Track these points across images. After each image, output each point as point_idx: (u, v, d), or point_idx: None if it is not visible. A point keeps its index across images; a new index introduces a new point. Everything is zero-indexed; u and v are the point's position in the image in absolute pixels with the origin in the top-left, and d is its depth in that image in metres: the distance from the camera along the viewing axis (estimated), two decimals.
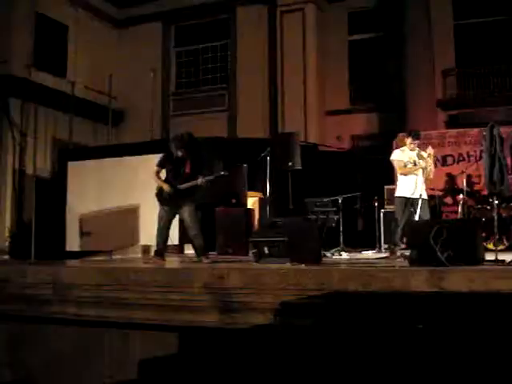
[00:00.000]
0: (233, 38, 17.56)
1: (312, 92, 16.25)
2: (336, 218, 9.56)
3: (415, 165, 7.73)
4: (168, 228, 7.32)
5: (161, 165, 7.30)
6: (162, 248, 7.37)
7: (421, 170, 7.72)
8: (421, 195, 7.46)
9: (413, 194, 7.62)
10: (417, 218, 7.38)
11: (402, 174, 7.82)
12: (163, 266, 6.79)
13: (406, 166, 7.78)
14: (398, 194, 7.87)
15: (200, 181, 7.09)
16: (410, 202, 7.65)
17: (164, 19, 18.44)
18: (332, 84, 16.53)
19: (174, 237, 9.55)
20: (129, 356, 5.66)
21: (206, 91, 17.86)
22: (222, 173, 7.43)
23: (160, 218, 7.27)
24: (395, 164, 7.90)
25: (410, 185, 7.71)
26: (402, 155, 7.88)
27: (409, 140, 7.87)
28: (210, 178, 7.23)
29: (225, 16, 17.84)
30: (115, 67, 17.16)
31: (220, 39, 17.99)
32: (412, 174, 7.72)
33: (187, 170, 7.16)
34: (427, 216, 7.61)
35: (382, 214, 10.13)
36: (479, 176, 10.59)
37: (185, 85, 18.43)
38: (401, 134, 8.64)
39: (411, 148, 7.84)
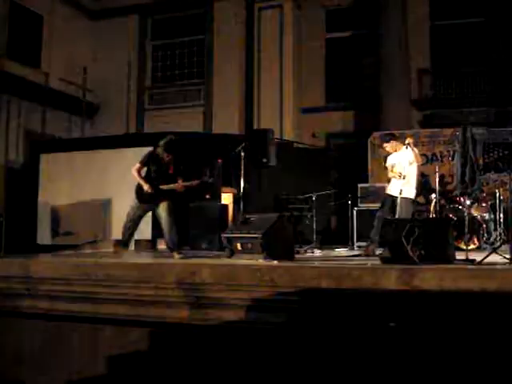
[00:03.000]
0: (210, 32, 17.48)
1: (288, 89, 16.28)
2: (310, 215, 9.60)
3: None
4: (137, 223, 7.31)
5: (144, 163, 7.25)
6: (128, 240, 7.37)
7: (406, 170, 7.84)
8: (401, 192, 7.55)
9: (394, 192, 7.75)
10: (397, 215, 7.48)
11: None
12: (129, 260, 6.75)
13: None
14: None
15: (178, 186, 7.12)
16: (391, 200, 7.78)
17: (140, 12, 18.29)
18: (308, 81, 16.56)
19: (147, 232, 9.53)
20: (99, 351, 5.61)
21: (182, 86, 17.77)
22: (207, 179, 7.46)
23: (132, 212, 7.25)
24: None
25: (394, 183, 7.87)
26: (390, 159, 8.12)
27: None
28: (192, 183, 7.25)
29: (202, 10, 17.74)
30: (90, 59, 16.98)
31: (197, 34, 17.90)
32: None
33: (170, 171, 7.18)
34: (408, 214, 7.70)
35: (355, 212, 10.19)
36: (452, 176, 10.72)
37: (161, 79, 18.30)
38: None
39: (395, 150, 8.02)
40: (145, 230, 9.14)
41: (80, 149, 11.39)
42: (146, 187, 7.08)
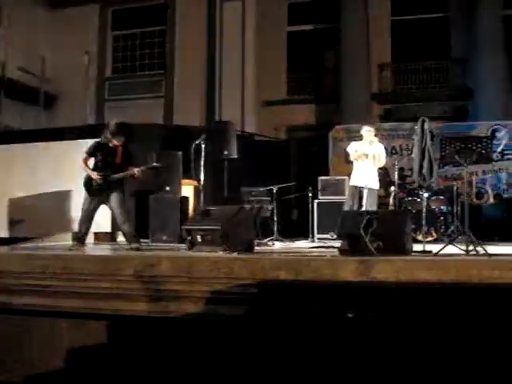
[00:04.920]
0: (171, 23, 17.34)
1: (250, 81, 16.27)
2: (270, 207, 9.62)
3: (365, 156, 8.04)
4: (92, 217, 7.21)
5: (90, 153, 7.16)
6: (84, 235, 7.26)
7: (371, 160, 7.99)
8: (366, 184, 7.69)
9: (360, 183, 7.89)
10: (363, 207, 7.62)
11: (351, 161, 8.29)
12: (88, 253, 6.68)
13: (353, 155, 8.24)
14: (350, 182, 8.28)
15: (135, 171, 7.02)
16: (357, 191, 7.92)
17: (102, 2, 18.04)
18: (270, 74, 16.56)
19: (106, 224, 9.41)
20: (57, 345, 5.53)
21: (142, 77, 17.61)
22: (155, 164, 7.38)
23: (85, 206, 7.16)
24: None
25: (357, 173, 8.02)
26: (353, 145, 8.35)
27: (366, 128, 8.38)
28: (143, 168, 7.18)
29: (164, 1, 17.58)
30: (50, 49, 16.67)
31: (159, 24, 17.73)
32: (361, 163, 8.00)
33: (118, 160, 7.08)
34: (374, 206, 7.85)
35: (315, 205, 10.25)
36: (411, 169, 10.86)
37: (121, 70, 18.09)
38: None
39: (364, 138, 8.28)
40: (104, 223, 9.03)
41: (37, 140, 11.15)
42: (94, 176, 6.98)
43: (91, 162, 7.24)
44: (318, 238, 9.77)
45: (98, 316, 5.37)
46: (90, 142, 7.37)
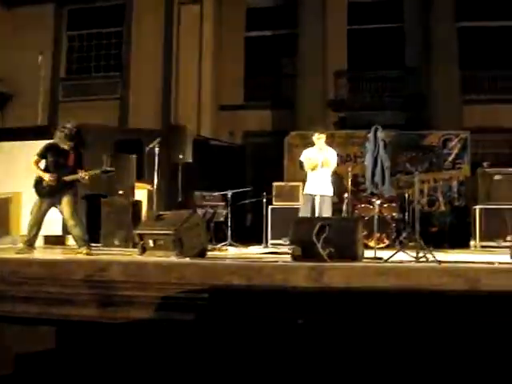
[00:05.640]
0: (128, 25, 17.14)
1: (207, 86, 16.20)
2: (225, 212, 9.62)
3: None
4: (42, 220, 7.06)
5: (41, 154, 7.02)
6: (33, 239, 7.10)
7: (324, 168, 8.07)
8: (319, 191, 7.76)
9: (313, 191, 7.95)
10: (316, 214, 7.67)
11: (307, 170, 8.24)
12: (36, 257, 6.54)
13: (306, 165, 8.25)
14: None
15: (82, 175, 6.91)
16: (311, 199, 7.97)
17: (57, 1, 17.70)
18: (227, 79, 16.54)
19: (57, 227, 9.26)
20: (4, 351, 5.39)
21: (98, 78, 17.33)
22: (108, 169, 7.29)
23: (35, 209, 7.01)
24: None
25: (311, 182, 8.08)
26: (305, 153, 8.35)
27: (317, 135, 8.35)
28: (94, 172, 7.08)
29: (121, 2, 17.39)
30: (4, 49, 16.30)
31: (115, 26, 17.51)
32: (314, 171, 8.06)
33: (70, 162, 6.96)
34: (329, 213, 7.91)
35: (270, 210, 10.28)
36: (364, 176, 11.00)
37: (76, 70, 17.78)
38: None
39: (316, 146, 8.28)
40: (55, 226, 8.89)
41: None
42: (46, 177, 6.85)
43: (42, 163, 7.10)
44: (272, 244, 9.81)
45: (46, 321, 5.26)
46: (43, 143, 7.23)
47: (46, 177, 6.87)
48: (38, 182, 6.96)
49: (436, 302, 4.42)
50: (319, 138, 8.30)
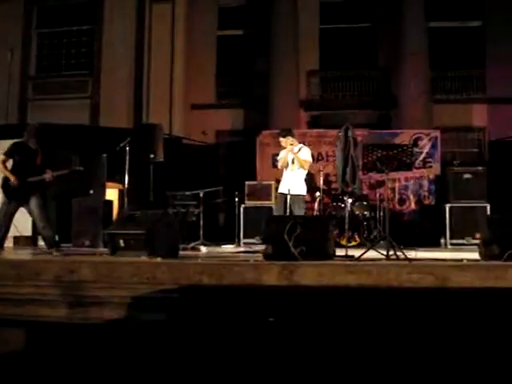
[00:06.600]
0: (99, 23, 16.95)
1: (178, 84, 16.12)
2: (197, 211, 9.59)
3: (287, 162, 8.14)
4: (10, 221, 6.99)
5: (9, 154, 6.93)
6: (2, 240, 7.02)
7: (295, 167, 8.11)
8: (289, 190, 7.79)
9: (284, 189, 8.00)
10: (288, 212, 7.70)
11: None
12: (5, 257, 6.45)
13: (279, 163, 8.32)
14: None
15: (48, 176, 6.84)
16: (284, 198, 8.02)
17: None
18: (199, 78, 16.46)
19: (27, 228, 9.14)
20: None
21: (68, 76, 17.08)
22: (77, 168, 7.22)
23: (3, 209, 6.94)
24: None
25: (283, 181, 8.13)
26: (280, 154, 8.41)
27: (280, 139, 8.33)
28: (63, 172, 7.02)
29: (92, 0, 17.22)
30: None
31: (86, 23, 17.30)
32: (288, 171, 8.08)
33: (37, 162, 6.89)
34: (301, 211, 7.95)
35: (242, 209, 10.28)
36: (336, 175, 11.06)
37: (46, 68, 17.52)
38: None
39: (284, 146, 8.29)
40: (25, 226, 8.78)
41: None
42: (12, 179, 6.77)
43: (9, 163, 7.01)
44: (244, 243, 9.82)
45: (15, 322, 5.19)
46: (11, 142, 7.14)
47: (12, 178, 6.79)
48: (6, 182, 6.87)
49: (406, 300, 4.46)
50: (282, 141, 8.34)
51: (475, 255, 5.98)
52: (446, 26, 15.71)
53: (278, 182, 9.33)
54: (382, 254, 6.02)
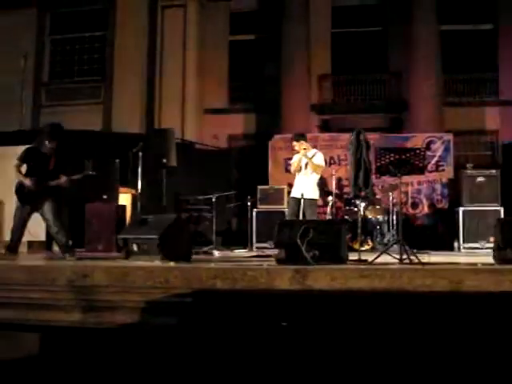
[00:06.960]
0: (111, 29, 17.07)
1: (191, 89, 16.20)
2: (209, 216, 9.60)
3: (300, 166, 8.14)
4: (24, 225, 7.01)
5: (22, 159, 6.96)
6: (16, 244, 7.04)
7: (308, 171, 8.10)
8: (302, 195, 7.79)
9: (297, 194, 8.01)
10: (300, 217, 7.70)
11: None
12: (20, 262, 6.48)
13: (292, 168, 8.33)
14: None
15: (63, 180, 6.87)
16: (296, 202, 8.02)
17: (39, 5, 17.59)
18: (211, 82, 16.54)
19: (41, 233, 9.18)
20: None
21: (81, 82, 17.23)
22: (90, 172, 7.24)
23: (17, 214, 6.96)
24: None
25: (296, 185, 8.12)
26: (293, 158, 8.41)
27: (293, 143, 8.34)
28: (76, 177, 7.04)
29: (104, 6, 17.33)
30: None
31: (98, 29, 17.43)
32: (301, 175, 8.10)
33: (50, 166, 6.91)
34: (314, 216, 7.94)
35: (254, 214, 10.28)
36: (348, 179, 11.04)
37: (59, 74, 17.66)
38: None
39: (297, 150, 8.28)
40: (39, 231, 8.81)
41: None
42: (27, 182, 6.79)
43: (24, 168, 7.04)
44: (257, 247, 9.81)
45: (29, 327, 5.22)
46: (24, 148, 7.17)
47: (27, 181, 6.81)
48: (20, 187, 6.89)
49: (420, 304, 4.44)
50: (295, 145, 8.33)
51: (489, 259, 5.94)
52: (458, 29, 15.67)
53: (290, 186, 9.33)
54: (395, 258, 5.99)
